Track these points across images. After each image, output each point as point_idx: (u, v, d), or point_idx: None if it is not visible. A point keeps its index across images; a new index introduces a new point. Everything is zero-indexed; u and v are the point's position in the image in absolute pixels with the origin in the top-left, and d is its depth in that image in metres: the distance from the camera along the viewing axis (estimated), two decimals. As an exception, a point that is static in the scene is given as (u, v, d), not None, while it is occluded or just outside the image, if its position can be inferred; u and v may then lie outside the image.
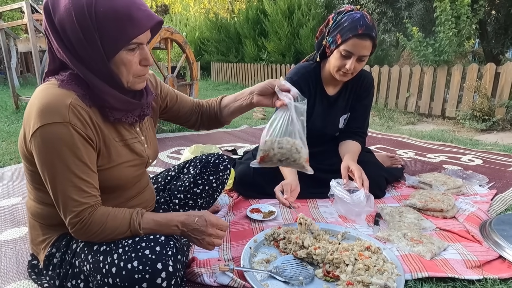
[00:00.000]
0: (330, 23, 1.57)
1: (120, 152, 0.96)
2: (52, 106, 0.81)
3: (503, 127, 3.55)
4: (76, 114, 0.83)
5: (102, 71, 0.85)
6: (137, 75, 0.90)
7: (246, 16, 8.49)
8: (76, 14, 0.78)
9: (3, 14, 5.55)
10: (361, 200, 1.38)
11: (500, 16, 5.50)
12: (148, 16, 0.83)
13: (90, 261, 0.89)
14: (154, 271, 0.82)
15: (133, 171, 1.03)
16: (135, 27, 0.81)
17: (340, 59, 1.53)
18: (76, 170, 0.83)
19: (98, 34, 0.80)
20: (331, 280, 1.08)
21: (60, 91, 0.84)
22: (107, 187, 0.95)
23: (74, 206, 0.84)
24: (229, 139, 3.19)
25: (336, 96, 1.76)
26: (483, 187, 1.89)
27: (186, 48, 3.63)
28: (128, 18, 0.80)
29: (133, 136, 1.01)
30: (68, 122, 0.81)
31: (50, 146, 0.81)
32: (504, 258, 1.20)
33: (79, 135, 0.83)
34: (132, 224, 0.89)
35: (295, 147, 1.13)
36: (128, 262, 0.82)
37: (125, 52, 0.84)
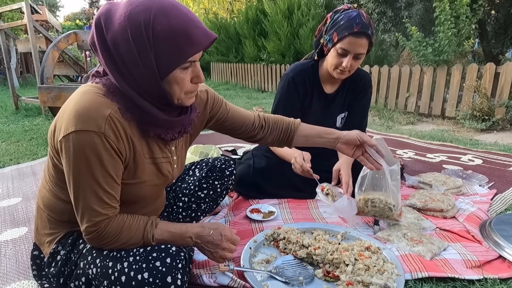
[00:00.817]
0: (328, 22, 1.58)
1: (146, 169, 0.94)
2: (91, 113, 0.80)
3: (503, 127, 3.55)
4: (111, 127, 0.82)
5: (151, 90, 0.84)
6: (189, 92, 0.89)
7: (245, 16, 8.50)
8: (132, 32, 0.77)
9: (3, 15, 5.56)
10: (344, 206, 1.38)
11: (500, 16, 5.50)
12: (205, 34, 0.81)
13: (98, 265, 0.88)
14: (163, 284, 0.82)
15: (155, 190, 1.03)
16: (192, 45, 0.80)
17: (336, 57, 1.54)
18: (101, 181, 0.83)
19: (154, 53, 0.78)
20: (331, 280, 1.08)
21: (102, 100, 0.83)
22: (125, 200, 0.95)
23: (93, 215, 0.84)
24: (228, 139, 3.19)
25: (334, 94, 1.77)
26: (483, 187, 1.89)
27: (186, 48, 3.62)
28: (185, 37, 0.78)
29: (164, 155, 0.99)
30: (103, 133, 0.80)
31: (81, 153, 0.80)
32: (504, 258, 1.20)
33: (110, 147, 0.83)
34: (146, 236, 0.89)
35: (388, 206, 1.30)
36: (139, 273, 0.83)
37: (179, 70, 0.82)
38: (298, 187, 1.75)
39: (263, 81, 7.76)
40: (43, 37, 4.33)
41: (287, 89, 1.72)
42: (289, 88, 1.71)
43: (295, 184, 1.75)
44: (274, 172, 1.77)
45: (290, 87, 1.71)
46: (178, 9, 0.80)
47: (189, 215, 1.31)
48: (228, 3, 11.43)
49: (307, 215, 1.58)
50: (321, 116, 1.77)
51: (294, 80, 1.69)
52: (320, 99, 1.76)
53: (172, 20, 0.77)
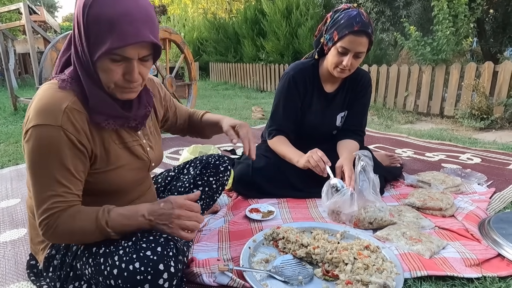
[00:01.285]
0: (328, 21, 1.58)
1: (120, 155, 0.96)
2: (47, 107, 0.83)
3: (502, 125, 3.55)
4: (70, 119, 0.84)
5: (89, 71, 0.86)
6: (120, 86, 0.88)
7: (244, 16, 8.49)
8: (77, 12, 0.82)
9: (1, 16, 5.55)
10: (346, 199, 1.39)
11: (498, 15, 5.52)
12: (135, 33, 0.80)
13: (91, 264, 0.88)
14: (156, 272, 0.81)
15: (134, 174, 1.02)
16: (116, 40, 0.79)
17: (337, 55, 1.55)
18: (56, 175, 0.84)
19: (86, 36, 0.82)
20: (331, 280, 1.08)
21: (59, 94, 0.86)
22: (108, 190, 0.95)
23: (45, 209, 0.84)
24: (228, 139, 3.18)
25: (334, 93, 1.77)
26: (482, 185, 1.90)
27: (185, 48, 3.62)
28: (110, 28, 0.79)
29: (133, 139, 1.01)
30: (60, 126, 0.82)
31: (37, 146, 0.82)
32: (503, 256, 1.20)
33: (68, 140, 0.84)
34: (98, 223, 0.85)
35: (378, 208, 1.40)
36: (130, 264, 0.82)
37: (108, 60, 0.83)
38: (297, 186, 1.75)
39: (262, 81, 7.75)
40: (41, 38, 4.32)
41: (287, 87, 1.72)
42: (290, 87, 1.71)
43: (294, 183, 1.75)
44: (273, 171, 1.77)
45: (290, 86, 1.71)
46: (123, 2, 0.80)
47: None
48: (226, 3, 11.44)
49: (306, 215, 1.58)
50: (321, 115, 1.77)
51: (295, 79, 1.70)
52: (320, 98, 1.76)
53: (108, 9, 0.79)
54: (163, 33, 3.29)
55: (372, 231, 1.40)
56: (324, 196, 1.47)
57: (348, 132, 1.80)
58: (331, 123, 1.81)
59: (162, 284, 0.82)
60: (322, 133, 1.83)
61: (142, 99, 1.00)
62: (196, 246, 1.28)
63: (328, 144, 1.82)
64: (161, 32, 3.25)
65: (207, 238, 1.35)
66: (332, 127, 1.83)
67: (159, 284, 0.82)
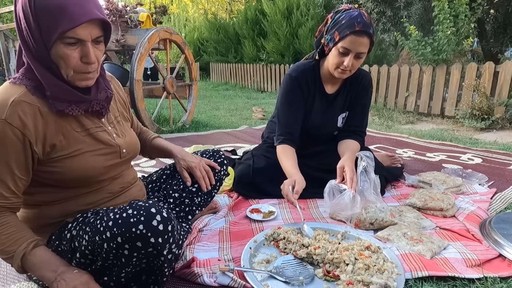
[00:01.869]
0: (329, 22, 1.58)
1: (82, 141, 0.97)
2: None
3: (502, 125, 3.55)
4: (16, 111, 0.85)
5: (44, 60, 0.87)
6: (79, 71, 0.89)
7: (244, 17, 8.50)
8: (23, 4, 0.83)
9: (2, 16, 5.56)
10: (346, 201, 1.39)
11: (499, 15, 5.51)
12: (83, 12, 0.83)
13: (87, 231, 0.89)
14: (149, 214, 0.84)
15: (103, 160, 1.01)
16: (66, 21, 0.81)
17: (338, 56, 1.54)
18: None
19: (37, 23, 0.83)
20: (331, 280, 1.08)
21: (9, 88, 0.88)
22: (77, 179, 0.96)
23: None
24: (228, 139, 3.19)
25: (335, 94, 1.77)
26: (483, 185, 1.90)
27: (185, 48, 3.63)
28: (60, 12, 0.81)
29: (96, 125, 1.01)
30: (4, 119, 0.83)
31: None
32: (504, 257, 1.20)
33: (12, 134, 0.85)
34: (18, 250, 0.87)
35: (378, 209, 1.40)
36: (123, 212, 0.84)
37: (62, 45, 0.84)
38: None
39: (262, 81, 7.76)
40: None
41: (291, 89, 1.70)
42: (293, 88, 1.70)
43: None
44: (273, 172, 1.77)
45: (294, 87, 1.70)
46: None
47: (183, 209, 1.31)
48: (227, 3, 11.44)
49: (307, 215, 1.57)
50: (323, 116, 1.77)
51: (297, 80, 1.69)
52: (322, 99, 1.75)
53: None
54: (164, 33, 3.29)
55: (373, 232, 1.40)
56: (326, 197, 1.47)
57: (349, 133, 1.79)
58: (332, 124, 1.81)
59: (156, 226, 0.83)
60: (323, 134, 1.83)
61: (100, 84, 1.01)
62: (197, 246, 1.28)
63: (329, 144, 1.82)
64: (162, 32, 3.25)
65: (207, 238, 1.35)
66: (333, 128, 1.83)
67: (153, 225, 0.83)
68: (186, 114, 3.84)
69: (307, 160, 1.62)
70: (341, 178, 1.52)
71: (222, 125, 3.92)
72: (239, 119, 4.34)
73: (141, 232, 0.82)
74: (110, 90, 1.04)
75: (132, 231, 0.82)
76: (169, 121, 3.68)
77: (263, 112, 4.54)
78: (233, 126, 3.82)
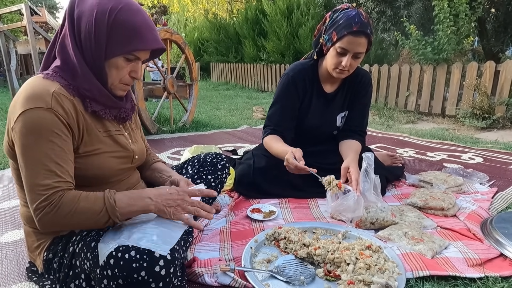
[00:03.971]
0: (327, 21, 1.58)
1: (103, 141, 1.00)
2: (36, 93, 0.87)
3: (503, 125, 3.54)
4: (59, 102, 0.88)
5: (96, 65, 0.94)
6: (123, 82, 1.00)
7: (245, 16, 8.50)
8: (97, 13, 0.90)
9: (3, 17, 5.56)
10: (350, 203, 1.38)
11: (500, 14, 5.50)
12: (154, 39, 0.96)
13: (89, 258, 0.89)
14: (152, 259, 0.82)
15: (118, 163, 1.05)
16: (140, 42, 0.94)
17: (336, 56, 1.54)
18: (52, 155, 0.86)
19: (107, 36, 0.91)
20: (332, 280, 1.08)
21: (45, 81, 0.91)
22: (91, 177, 0.97)
23: (44, 189, 0.84)
24: (229, 139, 3.19)
25: (334, 94, 1.76)
26: (484, 185, 1.89)
27: (186, 48, 3.63)
28: (137, 34, 0.93)
29: (116, 129, 1.06)
30: (51, 108, 0.86)
31: (30, 129, 0.85)
32: (506, 256, 1.20)
33: (60, 122, 0.88)
34: (107, 201, 0.88)
35: (379, 208, 1.41)
36: (126, 253, 0.82)
37: (122, 58, 0.95)
38: (298, 186, 1.75)
39: (263, 81, 7.76)
40: (43, 39, 4.33)
41: (286, 88, 1.71)
42: (289, 87, 1.71)
43: (295, 183, 1.74)
44: (274, 172, 1.77)
45: (289, 86, 1.71)
46: (142, 13, 0.96)
47: None
48: (227, 3, 11.43)
49: (308, 215, 1.57)
50: (321, 116, 1.77)
51: (294, 79, 1.69)
52: (320, 98, 1.75)
53: (133, 17, 0.93)
54: (164, 33, 3.29)
55: (374, 231, 1.40)
56: (329, 197, 1.47)
57: (349, 132, 1.79)
58: (331, 123, 1.81)
59: (158, 271, 0.82)
60: (322, 133, 1.83)
61: (128, 95, 1.11)
62: (198, 246, 1.28)
63: (329, 144, 1.82)
64: (162, 32, 3.25)
65: (208, 238, 1.35)
66: (332, 128, 1.83)
67: (156, 271, 0.81)
68: (187, 114, 3.84)
69: (307, 159, 1.61)
70: (345, 179, 1.51)
71: (222, 125, 3.92)
72: (240, 119, 4.34)
73: (143, 279, 0.81)
74: (134, 101, 1.15)
75: (134, 276, 0.80)
76: (170, 121, 3.68)
77: (264, 112, 4.54)
78: (233, 126, 3.82)
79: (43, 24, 5.12)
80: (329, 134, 1.85)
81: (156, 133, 3.37)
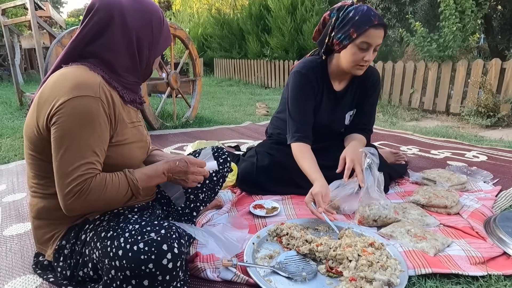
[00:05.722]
0: (331, 21, 1.55)
1: (131, 132, 1.05)
2: (86, 82, 0.90)
3: (508, 123, 3.52)
4: (104, 92, 0.93)
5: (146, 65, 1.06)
6: None
7: (249, 12, 8.45)
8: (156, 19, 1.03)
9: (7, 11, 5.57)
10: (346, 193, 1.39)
11: (506, 11, 5.44)
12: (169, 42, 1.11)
13: (99, 248, 0.90)
14: (160, 252, 0.83)
15: (141, 153, 1.11)
16: (166, 44, 1.10)
17: (357, 52, 1.50)
18: (92, 143, 0.89)
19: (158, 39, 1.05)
20: (334, 276, 1.08)
21: (89, 72, 0.94)
22: (120, 165, 0.98)
23: (79, 175, 0.87)
24: (232, 135, 3.19)
25: (343, 92, 1.74)
26: (488, 183, 1.88)
27: (189, 44, 3.62)
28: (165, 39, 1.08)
29: (138, 119, 1.12)
30: (99, 97, 0.90)
31: (78, 115, 0.87)
32: (509, 255, 1.19)
33: (103, 112, 0.92)
34: (130, 182, 0.94)
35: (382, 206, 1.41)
36: (134, 244, 0.84)
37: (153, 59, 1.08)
38: (300, 184, 1.74)
39: (266, 77, 7.74)
40: (47, 33, 4.33)
41: (302, 86, 1.66)
42: (304, 85, 1.66)
43: (297, 181, 1.74)
44: (276, 170, 1.77)
45: (304, 84, 1.66)
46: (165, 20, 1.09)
47: (188, 206, 1.32)
48: (231, -2, 11.37)
49: (308, 210, 1.57)
50: (331, 114, 1.75)
51: (308, 77, 1.65)
52: (330, 96, 1.73)
53: (166, 25, 1.09)
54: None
55: (376, 229, 1.40)
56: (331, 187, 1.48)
57: (356, 130, 1.78)
58: (340, 121, 1.79)
59: (166, 264, 0.83)
60: (330, 132, 1.81)
61: None
62: (200, 241, 1.28)
63: (334, 141, 1.81)
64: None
65: (211, 234, 1.35)
66: (341, 126, 1.82)
67: (163, 264, 0.83)
68: (190, 109, 3.84)
69: None
70: (341, 168, 1.51)
71: (225, 121, 3.92)
72: (243, 115, 4.34)
73: (150, 271, 0.83)
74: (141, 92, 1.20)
75: (142, 268, 0.82)
76: (173, 117, 3.69)
77: (267, 108, 4.54)
78: (236, 122, 3.82)
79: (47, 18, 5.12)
80: (336, 132, 1.84)
81: (160, 129, 3.37)
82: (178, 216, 1.32)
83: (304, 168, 1.57)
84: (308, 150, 1.61)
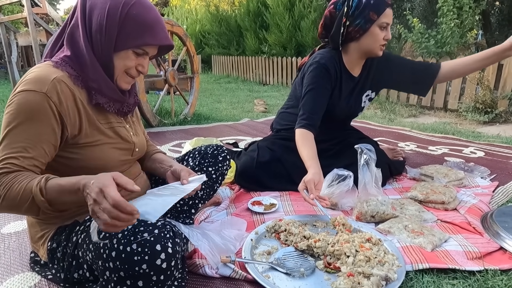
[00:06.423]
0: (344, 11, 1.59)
1: (104, 132, 1.01)
2: (37, 77, 0.88)
3: (506, 119, 3.53)
4: (56, 89, 0.88)
5: (104, 57, 0.95)
6: (129, 75, 1.02)
7: (246, 9, 8.42)
8: (110, 6, 0.93)
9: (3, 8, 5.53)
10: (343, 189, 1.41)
11: (504, 7, 5.44)
12: (165, 36, 1.00)
13: (91, 250, 0.89)
14: (153, 253, 0.82)
15: (119, 154, 1.06)
16: (151, 37, 0.97)
17: (381, 32, 1.61)
18: (23, 137, 0.85)
19: (119, 28, 0.94)
20: (332, 272, 1.08)
21: (50, 68, 0.92)
22: (94, 168, 0.95)
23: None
24: (230, 132, 3.18)
25: (359, 77, 1.81)
26: (485, 179, 1.89)
27: (187, 41, 3.61)
28: (150, 29, 0.96)
29: (118, 121, 1.07)
30: (44, 93, 0.86)
31: (16, 109, 0.86)
32: (505, 250, 1.20)
33: (48, 108, 0.87)
34: (34, 190, 0.79)
35: (380, 202, 1.42)
36: (127, 245, 0.82)
37: (131, 52, 0.97)
38: (299, 181, 1.74)
39: (264, 74, 7.72)
40: (44, 30, 4.31)
41: (321, 75, 1.69)
42: (323, 75, 1.69)
43: (296, 178, 1.73)
44: (276, 166, 1.78)
45: (323, 73, 1.69)
46: (154, 10, 1.00)
47: (187, 203, 1.32)
48: (229, -5, 11.32)
49: (308, 207, 1.58)
50: (349, 100, 1.80)
51: (327, 67, 1.69)
52: (348, 83, 1.78)
53: (145, 13, 0.96)
54: (165, 25, 3.27)
55: (374, 224, 1.40)
56: (325, 183, 1.48)
57: (432, 68, 1.84)
58: (356, 105, 1.85)
59: (160, 265, 0.82)
60: (349, 117, 1.94)
61: (132, 89, 1.12)
62: (199, 238, 1.29)
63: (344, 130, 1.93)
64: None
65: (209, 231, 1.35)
66: (358, 109, 1.88)
67: (157, 264, 0.82)
68: (188, 106, 3.84)
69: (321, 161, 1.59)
70: None
71: (223, 118, 3.92)
72: (241, 112, 4.33)
73: (144, 272, 0.81)
74: (137, 96, 1.16)
75: (135, 269, 0.81)
76: (171, 114, 3.68)
77: (265, 105, 4.53)
78: (234, 119, 3.82)
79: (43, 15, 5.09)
80: (351, 118, 1.96)
81: (157, 126, 3.37)
82: (176, 213, 1.32)
83: (303, 155, 1.58)
84: (310, 138, 1.63)
